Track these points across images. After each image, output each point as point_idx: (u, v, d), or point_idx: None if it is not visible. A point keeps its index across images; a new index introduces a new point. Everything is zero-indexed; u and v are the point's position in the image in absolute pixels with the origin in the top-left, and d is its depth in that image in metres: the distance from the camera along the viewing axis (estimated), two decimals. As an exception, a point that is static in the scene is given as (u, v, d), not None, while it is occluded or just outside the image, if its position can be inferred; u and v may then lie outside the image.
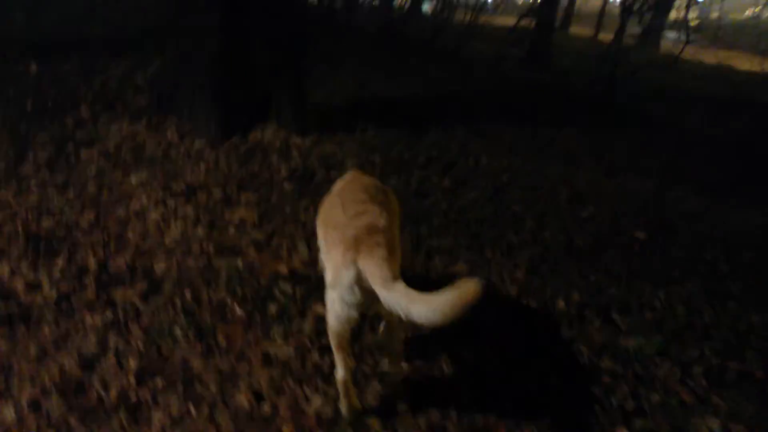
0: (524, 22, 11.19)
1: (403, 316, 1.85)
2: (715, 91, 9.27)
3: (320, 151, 4.77)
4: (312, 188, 4.14)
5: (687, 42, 7.77)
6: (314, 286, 3.02)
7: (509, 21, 13.00)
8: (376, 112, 6.09)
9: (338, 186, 2.71)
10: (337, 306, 2.14)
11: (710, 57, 14.56)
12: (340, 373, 2.26)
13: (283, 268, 3.17)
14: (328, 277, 2.18)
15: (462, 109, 6.79)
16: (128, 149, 4.45)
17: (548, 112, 7.34)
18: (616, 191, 4.80)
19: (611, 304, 3.22)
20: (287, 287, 3.02)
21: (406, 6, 14.25)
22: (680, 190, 5.00)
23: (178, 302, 2.85)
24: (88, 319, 2.69)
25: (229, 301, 2.90)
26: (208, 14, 4.67)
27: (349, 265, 2.06)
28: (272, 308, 2.87)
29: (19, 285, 2.87)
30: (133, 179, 4.00)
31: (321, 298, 2.43)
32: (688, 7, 8.00)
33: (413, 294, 1.85)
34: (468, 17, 11.32)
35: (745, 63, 14.44)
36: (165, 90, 4.95)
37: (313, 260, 3.25)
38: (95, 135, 4.65)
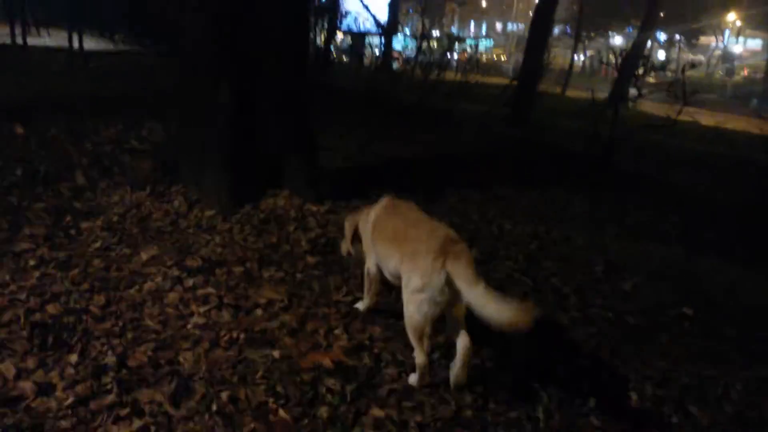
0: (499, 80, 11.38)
1: (478, 312, 2.38)
2: (715, 151, 9.35)
3: (338, 220, 4.47)
4: (338, 262, 3.83)
5: (684, 103, 7.76)
6: (365, 381, 2.68)
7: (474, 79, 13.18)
8: (385, 175, 5.86)
9: (384, 207, 3.09)
10: (425, 306, 2.59)
11: (706, 119, 14.91)
12: (421, 358, 2.67)
13: (326, 360, 2.82)
14: (415, 282, 2.60)
15: (470, 171, 6.61)
16: (133, 220, 4.10)
17: (552, 173, 7.22)
18: (647, 260, 4.58)
19: (685, 395, 2.93)
20: (334, 383, 2.67)
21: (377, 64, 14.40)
22: (708, 258, 4.80)
23: (214, 405, 2.47)
24: (114, 431, 2.30)
25: (270, 402, 2.53)
26: (215, 77, 4.43)
27: (440, 270, 2.52)
28: (321, 411, 2.51)
29: (27, 387, 2.47)
30: (143, 255, 3.64)
31: (376, 398, 2.59)
32: (684, 70, 8.01)
33: (491, 295, 2.37)
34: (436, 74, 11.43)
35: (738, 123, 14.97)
36: (169, 156, 4.63)
37: (356, 347, 2.94)
38: (95, 205, 4.30)
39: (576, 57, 34.54)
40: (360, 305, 3.30)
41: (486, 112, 11.27)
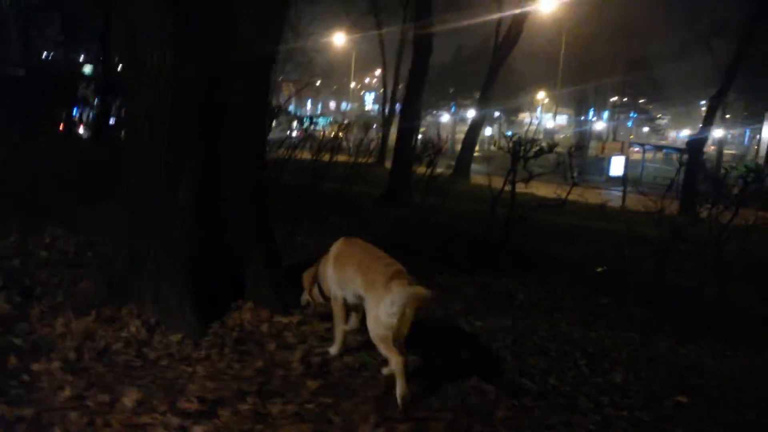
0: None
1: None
2: (607, 227, 10.09)
3: (313, 332, 4.18)
4: (340, 384, 3.54)
5: (573, 183, 8.35)
6: None
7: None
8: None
9: (343, 244, 3.92)
10: (386, 320, 3.32)
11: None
12: (396, 360, 3.31)
13: None
14: (373, 301, 3.42)
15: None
16: (92, 356, 3.53)
17: (462, 257, 7.31)
18: (614, 347, 4.74)
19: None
20: None
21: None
22: (663, 339, 5.08)
23: None
24: None
25: None
26: (173, 178, 4.04)
27: (390, 289, 3.32)
28: None
29: None
30: (126, 401, 3.10)
31: None
32: (570, 152, 8.65)
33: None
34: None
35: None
36: (115, 272, 4.09)
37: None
38: (38, 338, 3.66)
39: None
40: (332, 350, 3.85)
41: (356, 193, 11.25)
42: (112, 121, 14.96)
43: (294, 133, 15.77)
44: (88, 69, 25.79)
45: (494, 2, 27.40)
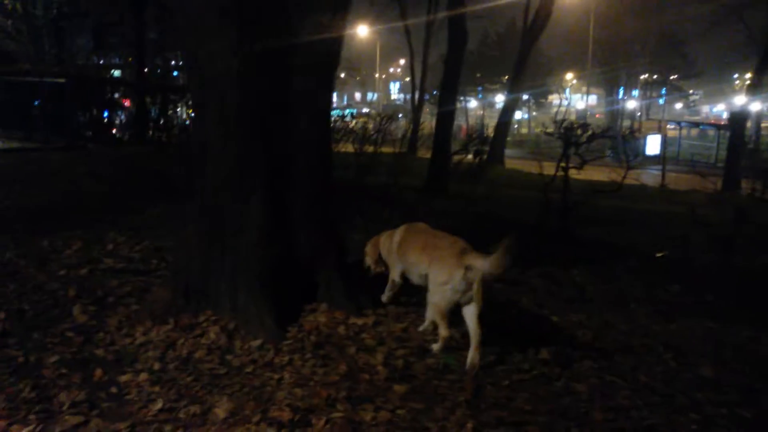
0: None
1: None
2: (654, 208, 9.87)
3: (390, 333, 4.09)
4: (427, 387, 3.45)
5: (629, 167, 8.16)
6: None
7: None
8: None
9: (407, 230, 4.21)
10: (449, 294, 3.66)
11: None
12: (445, 331, 3.74)
13: None
14: (441, 277, 3.71)
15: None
16: (178, 365, 3.49)
17: (522, 247, 7.12)
18: (696, 338, 4.56)
19: None
20: None
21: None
22: (745, 327, 4.86)
23: None
24: None
25: None
26: (244, 189, 3.98)
27: (462, 266, 3.60)
28: None
29: None
30: (219, 411, 3.06)
31: None
32: (624, 135, 8.42)
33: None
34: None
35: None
36: (190, 280, 4.05)
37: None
38: (119, 349, 3.64)
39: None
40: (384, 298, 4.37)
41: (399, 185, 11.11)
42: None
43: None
44: (116, 73, 26.11)
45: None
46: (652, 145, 39.15)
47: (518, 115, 52.26)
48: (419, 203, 9.95)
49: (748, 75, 61.57)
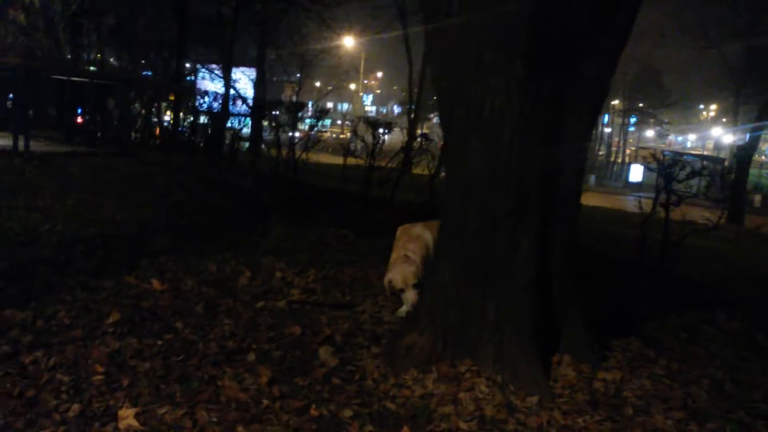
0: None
1: None
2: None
3: (640, 390, 3.94)
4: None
5: (724, 208, 8.22)
6: None
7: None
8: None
9: (399, 234, 5.02)
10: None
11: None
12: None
13: None
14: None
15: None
16: (476, 423, 3.27)
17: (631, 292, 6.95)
18: None
19: None
20: None
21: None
22: None
23: None
24: None
25: None
26: (512, 231, 3.78)
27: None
28: None
29: None
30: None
31: None
32: (724, 176, 8.48)
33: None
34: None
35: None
36: (448, 325, 3.84)
37: None
38: (405, 402, 3.40)
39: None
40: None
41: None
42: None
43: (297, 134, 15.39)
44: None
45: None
46: (635, 172, 40.02)
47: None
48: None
49: (713, 106, 63.57)
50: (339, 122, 71.50)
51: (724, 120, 59.59)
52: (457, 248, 3.89)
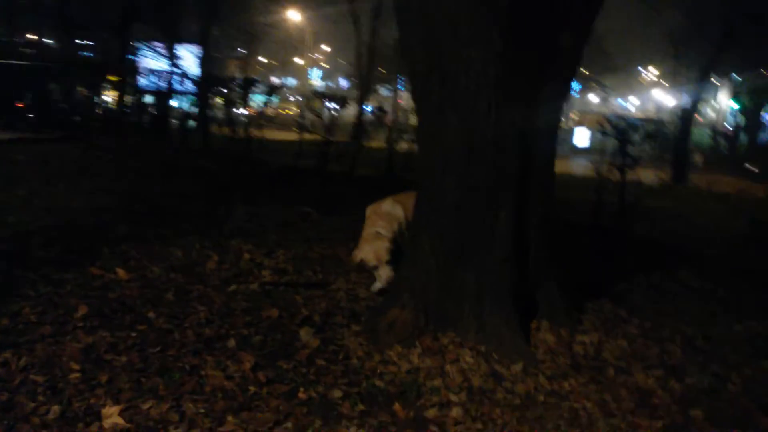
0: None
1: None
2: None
3: (618, 350, 4.01)
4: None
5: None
6: None
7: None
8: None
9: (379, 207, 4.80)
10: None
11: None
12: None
13: None
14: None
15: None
16: (466, 394, 3.27)
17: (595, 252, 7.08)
18: None
19: None
20: None
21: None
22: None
23: None
24: None
25: None
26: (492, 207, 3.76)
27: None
28: None
29: None
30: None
31: None
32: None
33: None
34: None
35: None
36: (429, 299, 3.81)
37: None
38: (394, 378, 3.37)
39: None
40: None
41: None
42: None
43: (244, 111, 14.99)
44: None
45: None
46: (580, 137, 40.70)
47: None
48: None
49: (654, 71, 64.88)
50: (290, 98, 70.38)
51: (664, 84, 60.93)
52: (435, 222, 3.85)
